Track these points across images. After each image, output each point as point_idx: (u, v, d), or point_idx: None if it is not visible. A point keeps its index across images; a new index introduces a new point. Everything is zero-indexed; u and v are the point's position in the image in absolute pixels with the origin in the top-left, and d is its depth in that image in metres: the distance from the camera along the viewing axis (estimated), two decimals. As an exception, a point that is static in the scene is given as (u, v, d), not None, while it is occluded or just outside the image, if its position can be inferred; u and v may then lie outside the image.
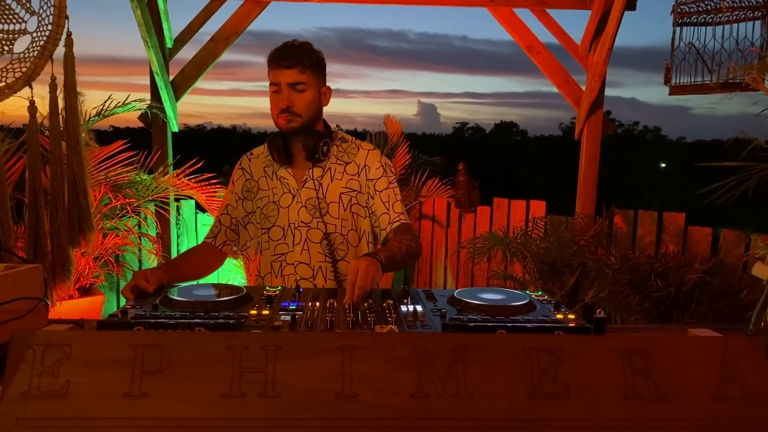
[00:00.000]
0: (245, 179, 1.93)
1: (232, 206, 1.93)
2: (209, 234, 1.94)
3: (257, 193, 1.89)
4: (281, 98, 1.76)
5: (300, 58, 1.74)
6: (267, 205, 1.86)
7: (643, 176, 20.49)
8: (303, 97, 1.77)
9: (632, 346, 1.06)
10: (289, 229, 1.84)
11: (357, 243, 1.86)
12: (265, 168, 1.91)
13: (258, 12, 3.87)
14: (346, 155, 1.88)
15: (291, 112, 1.76)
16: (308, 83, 1.76)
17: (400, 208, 1.85)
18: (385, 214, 1.83)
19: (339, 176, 1.85)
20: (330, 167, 1.86)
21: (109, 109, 3.44)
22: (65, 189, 1.97)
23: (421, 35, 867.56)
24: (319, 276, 1.82)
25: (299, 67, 1.74)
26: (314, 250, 1.82)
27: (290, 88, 1.75)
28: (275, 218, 1.85)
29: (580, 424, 1.00)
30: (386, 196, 1.85)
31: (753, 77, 1.39)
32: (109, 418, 0.97)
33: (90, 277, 3.28)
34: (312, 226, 1.82)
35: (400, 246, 1.68)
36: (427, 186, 4.54)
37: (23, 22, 1.86)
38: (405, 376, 1.01)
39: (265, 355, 1.02)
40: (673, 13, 2.98)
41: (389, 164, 1.92)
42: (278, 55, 1.75)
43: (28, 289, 1.28)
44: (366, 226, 1.87)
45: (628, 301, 3.02)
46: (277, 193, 1.86)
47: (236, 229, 1.93)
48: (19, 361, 1.00)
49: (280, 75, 1.75)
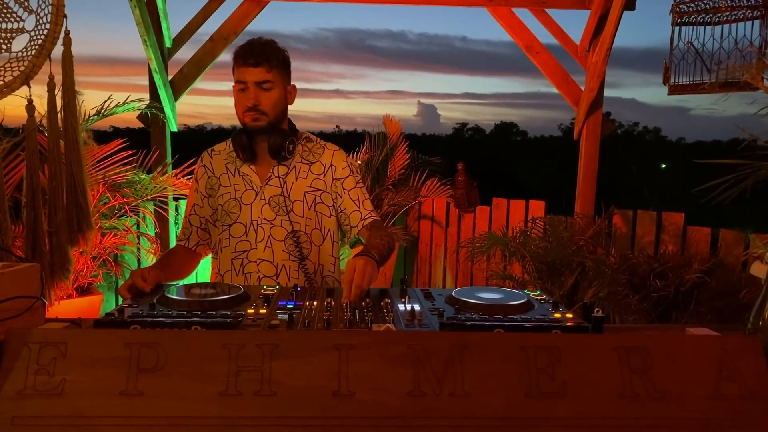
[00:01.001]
0: (208, 176, 1.91)
1: (199, 205, 1.91)
2: (180, 236, 1.92)
3: (218, 190, 1.88)
4: (247, 96, 1.75)
5: (267, 56, 1.74)
6: (228, 201, 1.85)
7: (642, 177, 20.49)
8: (269, 96, 1.76)
9: (630, 345, 1.06)
10: (251, 226, 1.82)
11: (321, 242, 1.87)
12: (227, 165, 1.89)
13: (257, 12, 3.87)
14: (311, 155, 1.89)
15: (257, 110, 1.76)
16: (275, 82, 1.76)
17: (369, 205, 1.89)
18: (356, 211, 1.85)
19: (303, 175, 1.85)
20: (295, 166, 1.86)
21: (108, 109, 3.43)
22: (63, 188, 1.97)
23: (421, 36, 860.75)
24: (282, 274, 1.82)
25: (266, 66, 1.74)
26: (278, 248, 1.82)
27: (257, 86, 1.75)
28: (237, 215, 1.83)
29: (578, 423, 1.00)
30: (355, 195, 1.87)
31: (752, 75, 1.38)
32: (104, 417, 0.96)
33: (88, 277, 3.28)
34: (275, 223, 1.82)
35: (382, 242, 1.72)
36: (426, 186, 4.54)
37: (21, 21, 1.86)
38: (402, 374, 1.01)
39: (262, 354, 1.02)
40: (671, 12, 2.98)
41: (355, 164, 1.95)
42: (244, 53, 1.74)
43: (25, 288, 1.28)
44: (331, 225, 1.88)
45: (627, 301, 3.01)
46: (239, 190, 1.85)
47: (206, 228, 1.92)
48: (14, 360, 1.00)
49: (246, 73, 1.74)
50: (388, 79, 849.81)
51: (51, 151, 1.95)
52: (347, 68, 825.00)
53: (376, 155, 4.59)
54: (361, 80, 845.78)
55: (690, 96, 3.01)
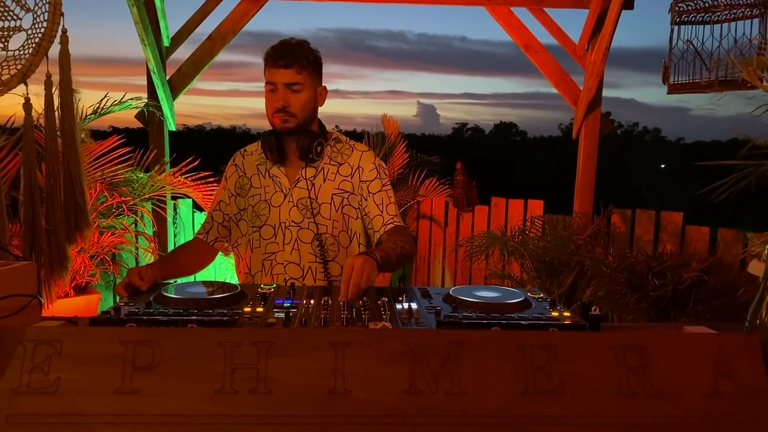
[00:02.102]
0: (238, 176, 1.93)
1: (225, 203, 1.93)
2: (201, 230, 1.93)
3: (249, 191, 1.88)
4: (277, 98, 1.75)
5: (297, 57, 1.73)
6: (258, 203, 1.86)
7: (642, 177, 20.49)
8: (299, 98, 1.75)
9: (627, 343, 1.06)
10: (279, 229, 1.83)
11: (348, 244, 1.86)
12: (258, 166, 1.90)
13: (255, 11, 3.86)
14: (339, 156, 1.88)
15: (286, 112, 1.75)
16: (305, 83, 1.75)
17: (393, 210, 1.84)
18: (378, 216, 1.82)
19: (332, 177, 1.84)
20: (323, 167, 1.85)
21: (105, 108, 3.43)
22: (61, 186, 1.96)
23: (421, 36, 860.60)
24: (308, 276, 1.81)
25: (296, 67, 1.73)
26: (304, 250, 1.81)
27: (286, 88, 1.74)
28: (266, 217, 1.84)
29: (575, 421, 0.99)
30: (380, 199, 1.84)
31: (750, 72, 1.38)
32: (99, 415, 0.96)
33: (86, 276, 3.27)
34: (303, 226, 1.81)
35: (395, 246, 1.67)
36: (425, 185, 4.53)
37: (18, 19, 1.85)
38: (398, 372, 1.01)
39: (258, 352, 1.01)
40: (671, 11, 2.98)
41: (383, 166, 1.91)
42: (275, 53, 1.74)
43: (22, 286, 1.27)
44: (357, 227, 1.86)
45: (625, 300, 3.01)
46: (269, 192, 1.85)
47: (228, 225, 1.93)
48: (9, 358, 1.00)
49: (276, 74, 1.73)
50: (387, 79, 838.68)
51: (48, 149, 1.94)
52: (346, 68, 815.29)
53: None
54: (360, 80, 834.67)
55: (689, 96, 3.01)
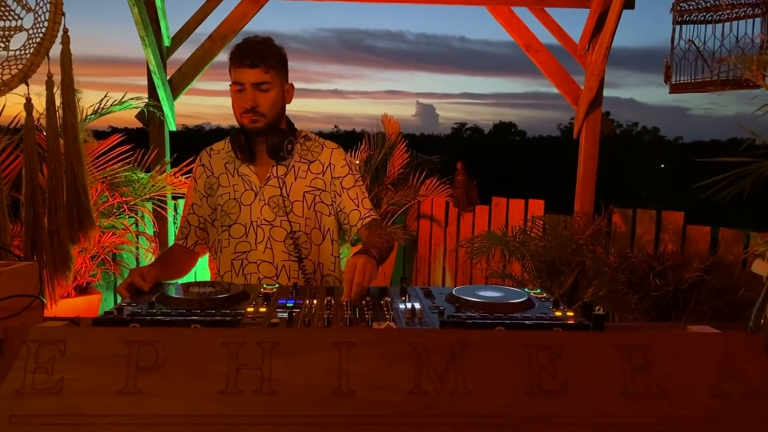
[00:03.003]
0: (206, 176, 1.90)
1: (198, 205, 1.90)
2: (179, 235, 1.91)
3: (217, 190, 1.86)
4: (245, 98, 1.73)
5: (264, 56, 1.71)
6: (228, 201, 1.84)
7: (641, 176, 20.49)
8: (267, 97, 1.74)
9: (631, 343, 1.06)
10: (251, 227, 1.82)
11: (320, 241, 1.86)
12: (225, 164, 1.88)
13: (255, 11, 3.86)
14: (310, 154, 1.88)
15: (255, 112, 1.74)
16: (272, 82, 1.74)
17: (368, 204, 1.87)
18: (355, 210, 1.84)
19: (303, 174, 1.84)
20: (294, 165, 1.85)
21: (105, 108, 3.42)
22: (63, 185, 1.96)
23: (420, 36, 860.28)
24: (282, 274, 1.81)
25: (263, 66, 1.71)
26: (277, 249, 1.81)
27: (254, 87, 1.72)
28: (236, 215, 1.82)
29: (579, 421, 0.99)
30: (354, 194, 1.85)
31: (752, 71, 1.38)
32: (103, 415, 0.96)
33: (87, 276, 3.27)
34: (275, 224, 1.81)
35: (381, 241, 1.71)
36: (425, 185, 4.53)
37: (19, 19, 1.85)
38: (402, 372, 1.00)
39: (262, 352, 1.01)
40: (672, 11, 2.98)
41: (354, 162, 1.94)
42: (241, 53, 1.72)
43: (24, 287, 1.27)
44: (330, 224, 1.87)
45: (626, 300, 3.01)
46: (239, 190, 1.84)
47: (205, 227, 1.91)
48: (12, 358, 0.99)
49: (243, 74, 1.72)
50: (386, 79, 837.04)
51: (50, 150, 1.94)
52: (346, 68, 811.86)
53: (374, 154, 4.59)
54: (359, 80, 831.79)
55: (689, 96, 3.01)
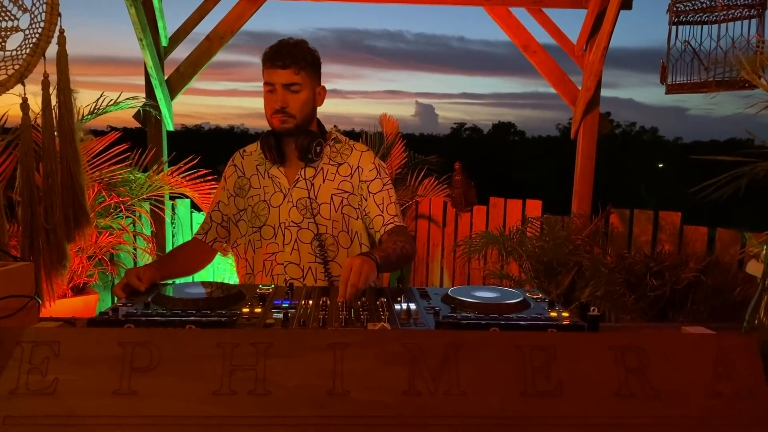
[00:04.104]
0: (237, 176, 1.92)
1: (224, 203, 1.92)
2: (200, 230, 1.93)
3: (248, 191, 1.88)
4: (275, 98, 1.74)
5: (295, 58, 1.72)
6: (258, 203, 1.85)
7: (640, 176, 20.51)
8: (297, 98, 1.75)
9: (626, 344, 1.06)
10: (279, 229, 1.82)
11: (348, 245, 1.85)
12: (257, 166, 1.90)
13: (253, 11, 3.86)
14: (339, 156, 1.87)
15: (285, 113, 1.75)
16: (303, 84, 1.75)
17: (394, 210, 1.83)
18: (378, 216, 1.82)
19: (331, 177, 1.84)
20: (322, 167, 1.84)
21: (102, 107, 3.42)
22: (59, 185, 1.96)
23: (419, 36, 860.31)
24: (309, 276, 1.81)
25: (294, 68, 1.72)
26: (304, 251, 1.81)
27: (285, 88, 1.73)
28: (266, 217, 1.84)
29: (573, 422, 0.99)
30: (380, 199, 1.83)
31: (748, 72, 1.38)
32: (98, 416, 0.96)
33: (84, 276, 3.26)
34: (302, 226, 1.81)
35: (395, 247, 1.67)
36: (423, 185, 4.53)
37: (16, 20, 1.84)
38: (397, 373, 1.00)
39: (256, 353, 1.01)
40: (669, 11, 2.98)
41: (383, 166, 1.91)
42: (273, 54, 1.73)
43: (20, 287, 1.27)
44: (358, 227, 1.86)
45: (623, 300, 3.01)
46: (269, 192, 1.85)
47: (227, 225, 1.93)
48: (6, 359, 0.99)
49: (274, 75, 1.73)
50: (385, 79, 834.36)
51: (45, 149, 1.94)
52: (345, 68, 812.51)
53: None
54: (358, 80, 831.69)
55: (687, 96, 3.01)
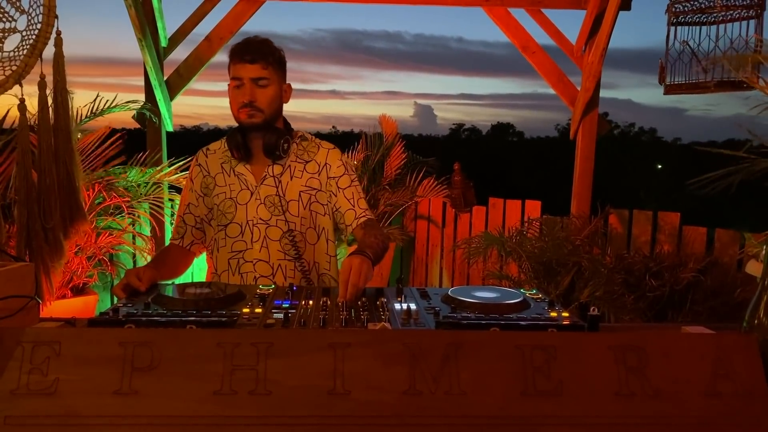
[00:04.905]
0: (203, 176, 1.91)
1: (194, 204, 1.91)
2: (175, 235, 1.92)
3: (213, 189, 1.88)
4: (243, 93, 1.75)
5: (263, 53, 1.75)
6: (224, 201, 1.85)
7: (639, 177, 20.53)
8: (265, 93, 1.77)
9: (626, 344, 1.06)
10: (247, 227, 1.82)
11: (315, 240, 1.87)
12: (222, 164, 1.89)
13: (253, 12, 3.86)
14: (306, 153, 1.89)
15: (253, 107, 1.76)
16: (271, 79, 1.77)
17: (364, 204, 1.88)
18: (350, 210, 1.85)
19: (299, 174, 1.85)
20: (290, 165, 1.86)
21: (101, 109, 3.42)
22: (56, 184, 1.97)
23: (418, 36, 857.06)
24: (278, 273, 1.82)
25: (262, 63, 1.74)
26: (273, 248, 1.82)
27: (253, 83, 1.75)
28: (232, 215, 1.83)
29: (573, 421, 0.99)
30: (350, 194, 1.87)
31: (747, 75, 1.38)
32: (98, 416, 0.96)
33: (83, 277, 3.26)
34: (271, 223, 1.82)
35: (377, 241, 1.72)
36: (422, 186, 4.53)
37: (13, 21, 1.85)
38: (397, 373, 1.01)
39: (257, 353, 1.01)
40: (667, 12, 2.99)
41: (350, 163, 1.95)
42: (241, 49, 1.75)
43: (19, 288, 1.27)
44: (325, 223, 1.88)
45: (623, 301, 3.02)
46: (235, 190, 1.85)
47: (201, 227, 1.92)
48: (7, 359, 0.99)
49: (243, 69, 1.74)
50: (384, 79, 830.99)
51: (41, 149, 1.95)
52: (344, 69, 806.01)
53: (372, 155, 4.58)
54: (357, 81, 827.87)
55: (686, 96, 3.02)
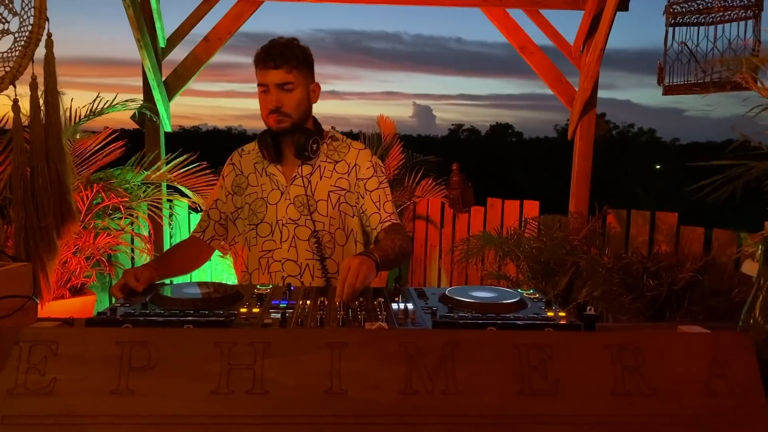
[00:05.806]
0: (235, 174, 1.94)
1: (222, 201, 1.93)
2: (197, 228, 1.94)
3: (246, 189, 1.90)
4: (270, 99, 1.75)
5: (287, 57, 1.74)
6: (255, 201, 1.87)
7: (637, 178, 20.55)
8: (291, 97, 1.76)
9: (622, 343, 1.06)
10: (276, 226, 1.83)
11: (344, 242, 1.86)
12: (255, 164, 1.91)
13: (251, 12, 3.86)
14: (336, 153, 1.88)
15: (280, 112, 1.76)
16: (296, 82, 1.76)
17: (390, 208, 1.85)
18: (375, 213, 1.83)
19: (328, 174, 1.85)
20: (319, 165, 1.86)
21: (99, 109, 3.42)
22: (48, 183, 1.98)
23: (416, 37, 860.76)
24: (306, 273, 1.82)
25: (286, 67, 1.73)
26: (302, 248, 1.82)
27: (278, 88, 1.74)
28: (263, 214, 1.85)
29: (570, 421, 1.00)
30: (377, 196, 1.84)
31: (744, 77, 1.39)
32: (96, 416, 0.96)
33: (81, 277, 3.26)
34: (300, 223, 1.82)
35: (393, 245, 1.69)
36: (421, 186, 4.54)
37: (6, 22, 1.85)
38: (394, 372, 1.01)
39: (254, 352, 1.01)
40: (665, 13, 3.00)
41: (380, 164, 1.92)
42: (264, 55, 1.74)
43: (17, 288, 1.28)
44: (354, 225, 1.87)
45: (620, 301, 3.02)
46: (266, 190, 1.86)
47: (225, 223, 1.93)
48: (5, 358, 0.99)
49: (267, 75, 1.74)
50: (383, 80, 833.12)
51: (33, 150, 1.96)
52: (342, 69, 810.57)
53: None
54: (356, 81, 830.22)
55: (684, 97, 3.02)
